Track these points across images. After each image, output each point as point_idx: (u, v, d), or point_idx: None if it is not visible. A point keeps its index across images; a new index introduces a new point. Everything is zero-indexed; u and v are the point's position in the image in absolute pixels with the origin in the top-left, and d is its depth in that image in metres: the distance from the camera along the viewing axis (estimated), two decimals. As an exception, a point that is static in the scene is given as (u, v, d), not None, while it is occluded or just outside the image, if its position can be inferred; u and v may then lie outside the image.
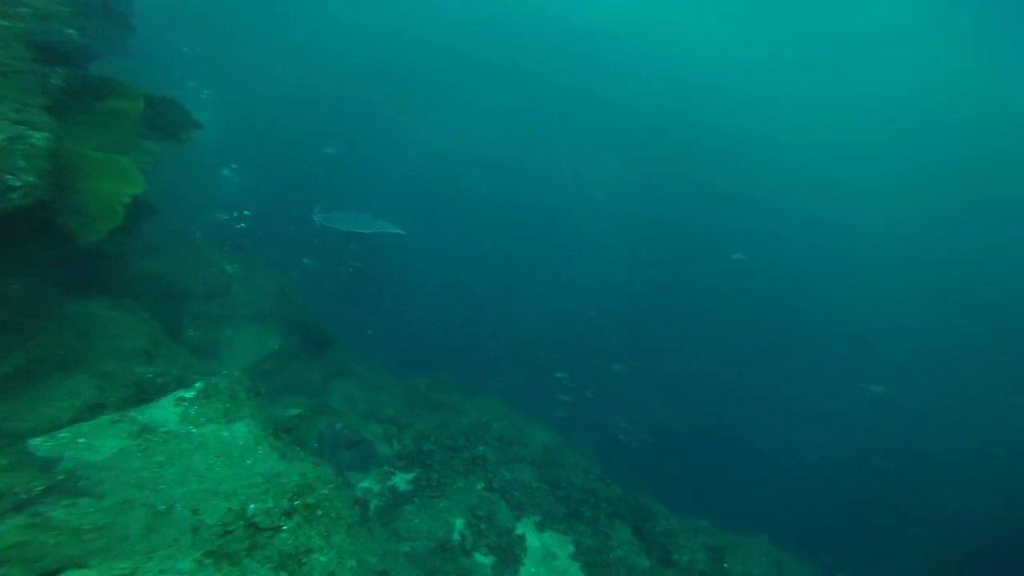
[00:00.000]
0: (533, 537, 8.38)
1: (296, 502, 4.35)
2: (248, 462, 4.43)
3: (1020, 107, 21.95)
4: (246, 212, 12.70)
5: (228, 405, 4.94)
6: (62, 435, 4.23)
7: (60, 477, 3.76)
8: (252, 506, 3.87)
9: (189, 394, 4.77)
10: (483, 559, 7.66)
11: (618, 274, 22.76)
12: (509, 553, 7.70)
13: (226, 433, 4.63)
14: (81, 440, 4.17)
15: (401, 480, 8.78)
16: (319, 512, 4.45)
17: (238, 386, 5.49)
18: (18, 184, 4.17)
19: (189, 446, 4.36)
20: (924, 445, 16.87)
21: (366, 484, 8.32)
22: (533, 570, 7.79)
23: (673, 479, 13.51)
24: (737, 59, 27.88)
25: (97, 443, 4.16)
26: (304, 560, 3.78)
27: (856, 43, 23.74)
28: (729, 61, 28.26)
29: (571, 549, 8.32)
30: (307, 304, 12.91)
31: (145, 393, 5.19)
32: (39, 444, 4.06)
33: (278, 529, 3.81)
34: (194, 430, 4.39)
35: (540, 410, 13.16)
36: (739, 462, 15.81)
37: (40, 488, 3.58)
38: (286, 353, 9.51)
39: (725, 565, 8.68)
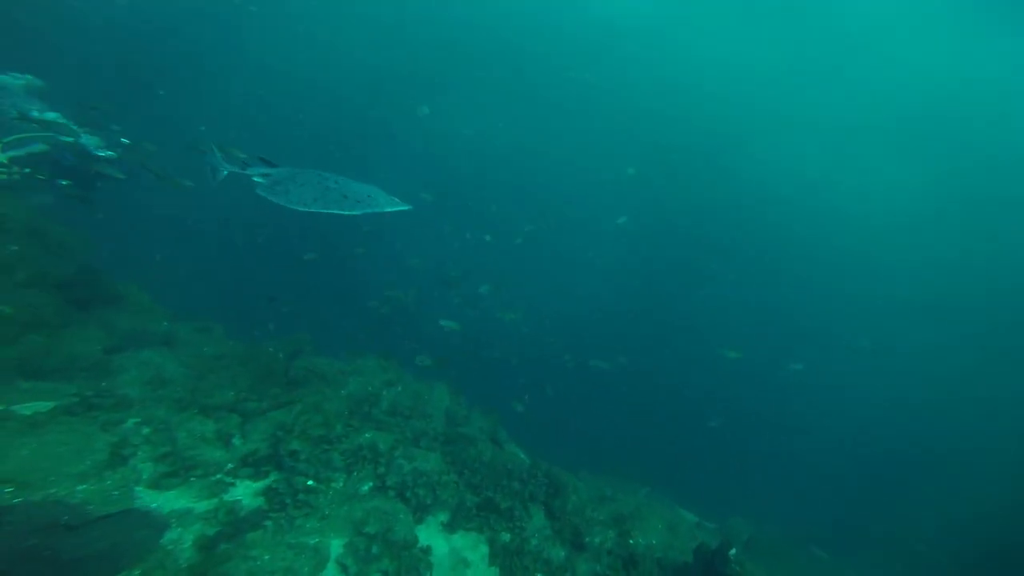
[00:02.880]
0: (441, 542, 6.62)
1: None
2: None
3: (1019, 107, 23.27)
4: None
5: None
6: None
7: None
8: None
9: None
10: (374, 591, 5.65)
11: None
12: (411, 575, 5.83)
13: None
14: None
15: (246, 493, 6.07)
16: None
17: None
18: None
19: None
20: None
21: (182, 505, 5.44)
22: (441, 588, 6.10)
23: (576, 435, 13.24)
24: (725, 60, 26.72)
25: None
26: None
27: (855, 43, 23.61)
28: (719, 62, 27.02)
29: (485, 550, 6.81)
30: (83, 240, 8.39)
31: None
32: None
33: None
34: None
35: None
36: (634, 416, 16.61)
37: None
38: (13, 320, 5.58)
39: (631, 541, 8.32)
